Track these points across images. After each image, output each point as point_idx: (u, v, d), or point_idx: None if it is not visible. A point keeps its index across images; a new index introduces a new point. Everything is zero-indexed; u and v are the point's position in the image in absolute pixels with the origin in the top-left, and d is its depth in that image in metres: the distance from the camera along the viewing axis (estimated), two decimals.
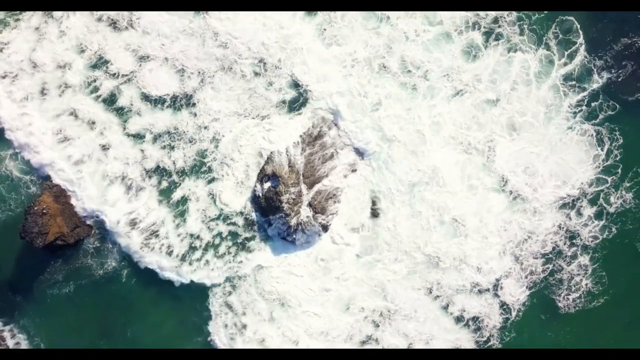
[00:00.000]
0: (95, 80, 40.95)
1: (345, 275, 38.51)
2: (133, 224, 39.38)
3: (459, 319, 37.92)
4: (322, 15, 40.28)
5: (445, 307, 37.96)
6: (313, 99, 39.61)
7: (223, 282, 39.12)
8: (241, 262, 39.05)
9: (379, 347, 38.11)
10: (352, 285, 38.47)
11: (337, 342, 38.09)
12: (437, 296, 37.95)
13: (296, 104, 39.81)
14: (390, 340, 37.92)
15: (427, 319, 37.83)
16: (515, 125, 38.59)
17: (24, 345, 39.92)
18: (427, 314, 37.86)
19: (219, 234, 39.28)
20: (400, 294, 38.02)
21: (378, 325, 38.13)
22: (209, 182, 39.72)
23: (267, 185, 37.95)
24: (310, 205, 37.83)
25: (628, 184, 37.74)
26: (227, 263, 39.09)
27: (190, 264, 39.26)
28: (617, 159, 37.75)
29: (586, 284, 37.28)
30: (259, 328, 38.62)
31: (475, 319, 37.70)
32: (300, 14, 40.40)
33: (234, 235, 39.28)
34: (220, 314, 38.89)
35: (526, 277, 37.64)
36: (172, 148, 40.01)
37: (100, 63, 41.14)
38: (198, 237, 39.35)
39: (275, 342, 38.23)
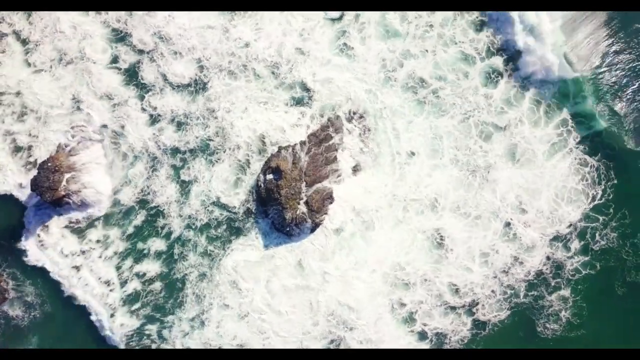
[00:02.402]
0: (118, 50, 43.10)
1: (320, 278, 39.42)
2: (144, 202, 41.56)
3: (422, 335, 38.44)
4: (340, 24, 41.74)
5: (408, 322, 38.56)
6: (321, 103, 40.95)
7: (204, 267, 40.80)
8: (231, 249, 40.41)
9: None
10: (325, 288, 39.30)
11: (306, 342, 39.05)
12: (404, 313, 38.56)
13: (304, 103, 41.19)
14: (354, 347, 38.49)
15: (388, 331, 38.42)
16: (516, 154, 39.00)
17: (29, 287, 42.38)
18: (390, 328, 38.46)
19: (216, 218, 40.82)
20: (367, 306, 38.78)
21: (347, 329, 38.85)
22: (213, 165, 41.28)
23: (269, 177, 39.32)
24: (307, 202, 39.16)
25: (614, 224, 37.70)
26: (217, 248, 40.64)
27: (182, 244, 41.09)
28: (610, 198, 37.83)
29: (564, 316, 37.35)
30: (223, 320, 39.85)
31: (439, 334, 38.19)
32: (320, 22, 41.85)
33: (230, 220, 40.73)
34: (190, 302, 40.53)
35: (506, 299, 37.86)
36: (185, 129, 41.78)
37: (123, 37, 43.35)
38: (196, 219, 41.02)
39: (242, 337, 39.47)
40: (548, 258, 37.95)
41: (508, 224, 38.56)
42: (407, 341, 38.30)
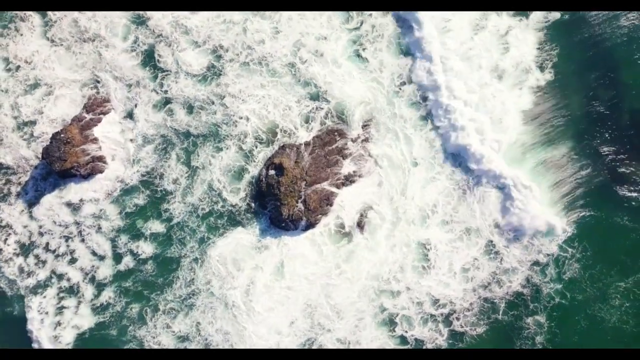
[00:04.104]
0: (138, 32, 45.11)
1: (305, 277, 40.25)
2: (149, 183, 42.98)
3: (402, 339, 38.80)
4: (356, 33, 43.25)
5: (387, 324, 39.06)
6: (333, 103, 42.23)
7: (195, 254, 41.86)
8: (225, 237, 41.43)
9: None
10: (308, 289, 40.03)
11: (284, 340, 39.69)
12: (384, 316, 39.13)
13: (319, 99, 42.53)
14: (330, 347, 38.99)
15: (366, 334, 39.01)
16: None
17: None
18: (369, 331, 39.07)
19: (218, 209, 41.95)
20: (348, 309, 39.39)
21: (326, 331, 39.37)
22: (220, 151, 42.63)
23: (271, 172, 40.67)
24: (304, 201, 40.52)
25: (579, 255, 37.67)
26: (214, 236, 41.68)
27: (181, 228, 42.31)
28: (575, 232, 37.85)
29: (539, 341, 37.31)
30: (208, 308, 40.67)
31: (417, 340, 38.54)
32: (337, 29, 43.42)
33: (229, 210, 41.85)
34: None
35: (484, 313, 38.15)
36: (196, 114, 43.27)
37: (142, 21, 45.33)
38: (198, 206, 42.22)
39: (225, 328, 40.19)
40: (528, 281, 38.22)
41: (491, 241, 38.98)
42: (384, 342, 38.87)
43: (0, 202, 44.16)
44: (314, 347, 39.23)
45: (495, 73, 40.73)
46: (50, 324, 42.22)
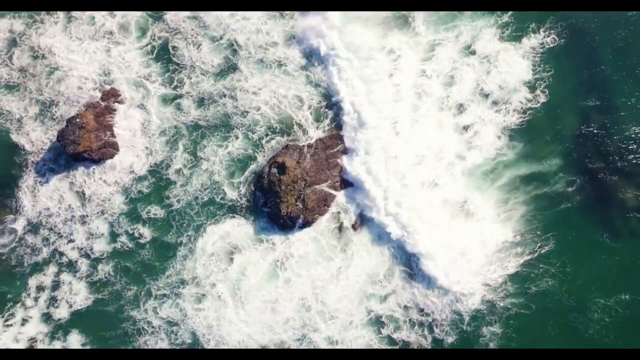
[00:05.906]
0: (154, 26, 46.56)
1: (299, 275, 41.23)
2: (156, 172, 44.50)
3: (390, 340, 39.72)
4: None
5: (375, 324, 40.02)
6: (337, 109, 43.57)
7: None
8: (222, 229, 42.43)
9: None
10: (302, 285, 41.03)
11: (274, 336, 40.61)
12: (372, 317, 40.07)
13: (326, 99, 43.89)
14: (321, 346, 39.90)
15: (355, 334, 39.99)
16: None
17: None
18: (358, 331, 40.06)
19: (218, 201, 43.17)
20: (338, 310, 40.34)
21: (315, 330, 40.28)
22: (228, 140, 43.93)
23: (274, 170, 41.88)
24: (303, 200, 41.72)
25: (554, 271, 38.77)
26: (212, 225, 42.83)
27: (181, 217, 43.55)
28: (552, 248, 39.04)
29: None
30: (196, 299, 41.83)
31: (404, 342, 39.46)
32: None
33: (230, 202, 42.94)
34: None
35: (454, 324, 39.02)
36: (207, 106, 44.58)
37: (160, 15, 46.82)
38: (197, 197, 43.50)
39: (213, 321, 41.12)
40: (483, 300, 39.18)
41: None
42: (372, 342, 39.68)
43: (16, 182, 45.62)
44: (304, 344, 40.11)
45: (482, 93, 42.33)
46: (45, 300, 43.44)
